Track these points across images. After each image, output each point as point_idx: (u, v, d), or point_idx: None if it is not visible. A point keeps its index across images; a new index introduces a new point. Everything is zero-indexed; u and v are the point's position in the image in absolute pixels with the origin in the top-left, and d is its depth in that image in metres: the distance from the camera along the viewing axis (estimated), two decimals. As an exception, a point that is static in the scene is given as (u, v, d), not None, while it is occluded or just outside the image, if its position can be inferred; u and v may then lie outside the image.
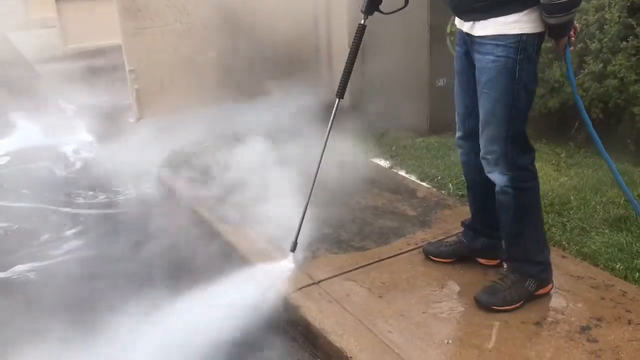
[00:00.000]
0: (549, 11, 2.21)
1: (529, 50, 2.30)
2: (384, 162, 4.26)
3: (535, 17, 2.26)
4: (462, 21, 2.47)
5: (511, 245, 2.61)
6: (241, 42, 4.82)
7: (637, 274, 2.72)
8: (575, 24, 2.40)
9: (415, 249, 3.05)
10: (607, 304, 2.54)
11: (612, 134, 3.91)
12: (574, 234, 3.09)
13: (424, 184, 3.85)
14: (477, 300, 2.57)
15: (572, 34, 2.41)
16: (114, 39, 5.38)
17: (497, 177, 2.47)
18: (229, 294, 2.77)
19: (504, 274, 2.66)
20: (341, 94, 2.85)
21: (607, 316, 2.47)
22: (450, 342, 2.37)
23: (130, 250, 3.38)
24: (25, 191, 4.31)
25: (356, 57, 2.79)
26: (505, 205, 2.50)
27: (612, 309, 2.51)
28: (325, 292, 2.74)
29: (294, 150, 3.93)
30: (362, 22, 2.75)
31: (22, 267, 3.29)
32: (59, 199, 4.16)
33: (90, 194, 4.19)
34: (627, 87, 3.83)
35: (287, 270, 2.89)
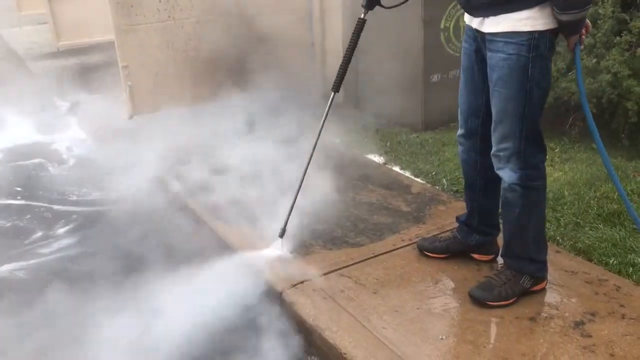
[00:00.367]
0: (562, 8, 2.16)
1: (541, 47, 2.25)
2: (378, 158, 4.25)
3: (547, 13, 2.21)
4: (471, 17, 2.42)
5: (511, 242, 2.59)
6: (234, 38, 4.80)
7: (630, 269, 2.73)
8: (587, 22, 2.34)
9: (409, 244, 3.05)
10: (601, 299, 2.55)
11: (606, 129, 3.92)
12: (568, 229, 3.09)
13: (418, 180, 3.85)
14: (472, 295, 2.57)
15: (583, 32, 2.35)
16: (107, 35, 5.36)
17: (507, 174, 2.44)
18: (220, 288, 2.76)
19: (499, 269, 2.67)
20: (337, 88, 2.83)
21: (601, 311, 2.47)
22: (444, 337, 2.37)
23: (121, 247, 3.36)
24: (18, 188, 4.29)
25: (354, 51, 2.76)
26: (511, 202, 2.48)
27: (606, 304, 2.51)
28: (319, 288, 2.73)
29: (286, 144, 3.91)
30: (362, 16, 2.71)
31: (9, 266, 3.28)
32: (52, 196, 4.13)
33: (83, 191, 4.17)
34: (621, 82, 3.83)
35: (276, 255, 2.91)
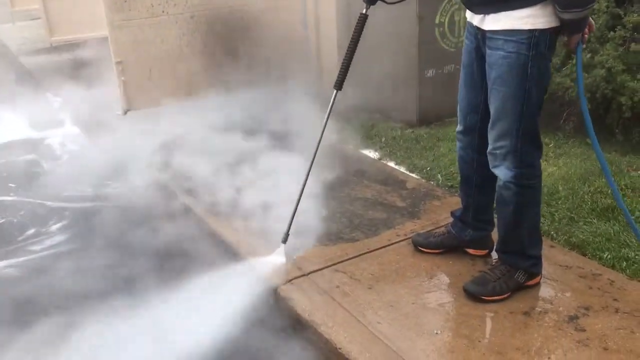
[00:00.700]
0: (564, 6, 2.13)
1: (541, 46, 2.23)
2: (373, 154, 4.25)
3: (549, 11, 2.19)
4: (472, 14, 2.41)
5: (506, 238, 2.59)
6: (229, 33, 4.78)
7: (624, 263, 2.74)
8: (590, 20, 2.32)
9: (404, 239, 3.05)
10: (595, 293, 2.56)
11: (600, 124, 3.92)
12: (562, 224, 3.10)
13: (413, 175, 3.85)
14: (466, 290, 2.58)
15: (586, 30, 2.31)
16: (100, 30, 5.33)
17: (502, 171, 2.44)
18: (218, 288, 2.76)
19: (494, 264, 2.67)
20: (339, 86, 2.78)
21: (594, 305, 2.48)
22: (439, 332, 2.38)
23: (115, 244, 3.35)
24: (11, 185, 4.27)
25: (356, 47, 2.72)
26: (506, 200, 2.48)
27: (600, 298, 2.52)
28: (314, 283, 2.73)
29: (281, 142, 3.91)
30: (364, 11, 2.68)
31: (1, 263, 3.26)
32: (46, 192, 4.11)
33: (77, 187, 4.15)
34: (615, 77, 3.84)
35: (279, 261, 2.88)
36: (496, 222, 2.70)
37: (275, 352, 2.52)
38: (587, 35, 2.35)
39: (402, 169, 3.96)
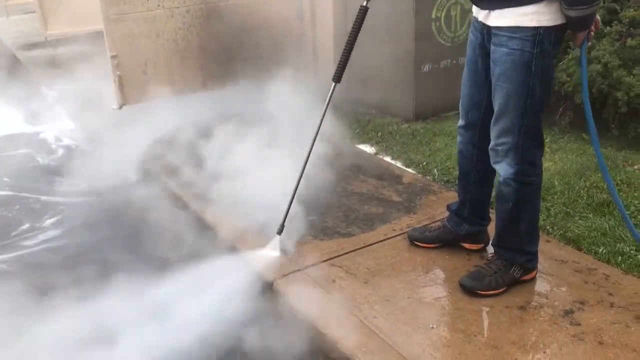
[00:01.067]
0: (570, 3, 2.12)
1: (546, 43, 2.22)
2: (369, 149, 4.25)
3: (554, 9, 2.17)
4: (478, 9, 2.39)
5: (504, 233, 2.59)
6: (224, 28, 4.76)
7: (619, 258, 2.74)
8: (597, 17, 2.30)
9: (400, 234, 3.05)
10: (590, 288, 2.56)
11: (596, 119, 3.92)
12: (558, 219, 3.11)
13: (410, 170, 3.85)
14: (462, 285, 2.58)
15: (592, 28, 2.30)
16: (96, 24, 5.30)
17: (503, 168, 2.43)
18: (213, 280, 2.75)
19: (490, 259, 2.67)
20: (338, 78, 2.77)
21: (590, 299, 2.49)
22: (435, 326, 2.38)
23: (109, 239, 3.34)
24: (6, 179, 4.25)
25: (356, 40, 2.70)
26: (505, 196, 2.48)
27: (595, 292, 2.53)
28: (310, 278, 2.73)
29: (277, 135, 3.89)
30: (364, 3, 2.66)
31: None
32: (41, 187, 4.10)
33: (72, 182, 4.14)
34: (611, 72, 3.85)
35: (274, 253, 2.89)
36: (494, 217, 2.71)
37: (270, 347, 2.52)
38: (592, 32, 2.33)
39: (399, 164, 3.96)
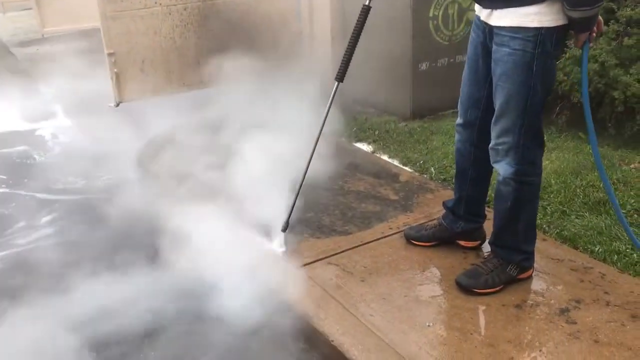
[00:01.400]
0: (572, 4, 2.11)
1: (547, 44, 2.21)
2: (366, 147, 4.25)
3: (556, 9, 2.16)
4: (480, 8, 2.39)
5: (501, 232, 2.59)
6: (222, 25, 4.76)
7: (615, 257, 2.75)
8: (599, 19, 2.29)
9: (397, 232, 3.06)
10: (586, 286, 2.57)
11: (593, 118, 3.92)
12: (554, 217, 3.12)
13: (407, 169, 3.86)
14: (459, 283, 2.58)
15: (594, 29, 2.28)
16: (93, 21, 5.28)
17: (503, 167, 2.44)
18: (214, 277, 2.75)
19: (487, 257, 2.68)
20: (341, 78, 2.78)
21: (586, 298, 2.50)
22: (431, 324, 2.39)
23: (106, 236, 3.33)
24: (2, 176, 4.24)
25: (358, 39, 2.71)
26: (504, 195, 2.48)
27: (591, 291, 2.54)
28: (307, 276, 2.74)
29: (274, 134, 3.89)
30: (366, 3, 2.66)
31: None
32: (37, 184, 4.09)
33: (68, 180, 4.13)
34: (608, 71, 3.85)
35: (278, 250, 2.91)
36: (492, 215, 2.71)
37: (267, 346, 2.53)
38: (594, 34, 2.32)
39: (396, 162, 3.97)
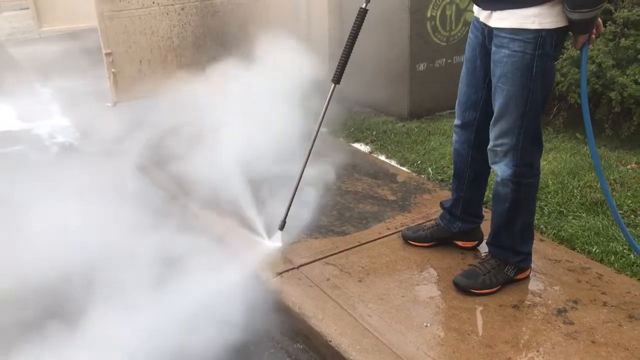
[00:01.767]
0: (573, 6, 2.11)
1: (547, 46, 2.20)
2: (364, 147, 4.25)
3: (556, 11, 2.16)
4: (479, 9, 2.39)
5: (499, 233, 2.59)
6: (219, 25, 4.75)
7: (612, 257, 2.76)
8: (599, 21, 2.28)
9: (394, 233, 3.06)
10: (583, 287, 2.58)
11: (590, 119, 3.94)
12: (551, 218, 3.12)
13: (404, 169, 3.86)
14: (456, 283, 2.59)
15: (593, 31, 2.28)
16: (90, 21, 5.28)
17: (501, 169, 2.44)
18: (209, 276, 2.75)
19: (484, 258, 2.68)
20: (337, 80, 2.77)
21: (583, 299, 2.50)
22: (429, 325, 2.39)
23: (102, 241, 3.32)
24: (-1, 175, 4.23)
25: (355, 42, 2.70)
26: (502, 196, 2.48)
27: (588, 292, 2.54)
28: (305, 276, 2.73)
29: (270, 134, 3.89)
30: (363, 5, 2.66)
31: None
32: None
33: (66, 179, 4.11)
34: (605, 73, 3.86)
35: (275, 248, 2.92)
36: (490, 216, 2.71)
37: (264, 346, 2.52)
38: (594, 36, 2.32)
39: (393, 163, 3.97)
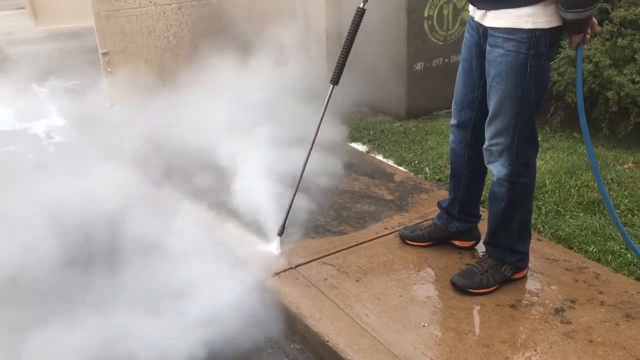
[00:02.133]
0: (567, 6, 2.10)
1: (542, 45, 2.20)
2: (361, 147, 4.25)
3: (550, 11, 2.16)
4: (475, 9, 2.38)
5: (496, 233, 2.60)
6: (216, 25, 4.75)
7: (609, 256, 2.76)
8: (594, 20, 2.27)
9: (392, 232, 3.06)
10: (580, 286, 2.58)
11: (587, 118, 3.93)
12: (549, 217, 3.12)
13: (401, 168, 3.86)
14: (454, 283, 2.59)
15: (588, 31, 2.26)
16: (87, 21, 5.28)
17: (496, 168, 2.44)
18: (208, 281, 2.74)
19: (481, 257, 2.68)
20: (336, 80, 2.76)
21: (580, 298, 2.50)
22: (426, 324, 2.39)
23: (101, 245, 3.31)
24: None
25: (353, 42, 2.70)
26: (498, 196, 2.48)
27: (586, 291, 2.54)
28: (302, 276, 2.73)
29: (268, 135, 3.89)
30: (361, 5, 2.65)
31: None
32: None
33: (63, 180, 4.10)
34: (602, 72, 3.86)
35: (274, 254, 2.91)
36: (485, 214, 2.71)
37: (262, 345, 2.52)
38: (589, 35, 2.31)
39: (390, 162, 3.97)
